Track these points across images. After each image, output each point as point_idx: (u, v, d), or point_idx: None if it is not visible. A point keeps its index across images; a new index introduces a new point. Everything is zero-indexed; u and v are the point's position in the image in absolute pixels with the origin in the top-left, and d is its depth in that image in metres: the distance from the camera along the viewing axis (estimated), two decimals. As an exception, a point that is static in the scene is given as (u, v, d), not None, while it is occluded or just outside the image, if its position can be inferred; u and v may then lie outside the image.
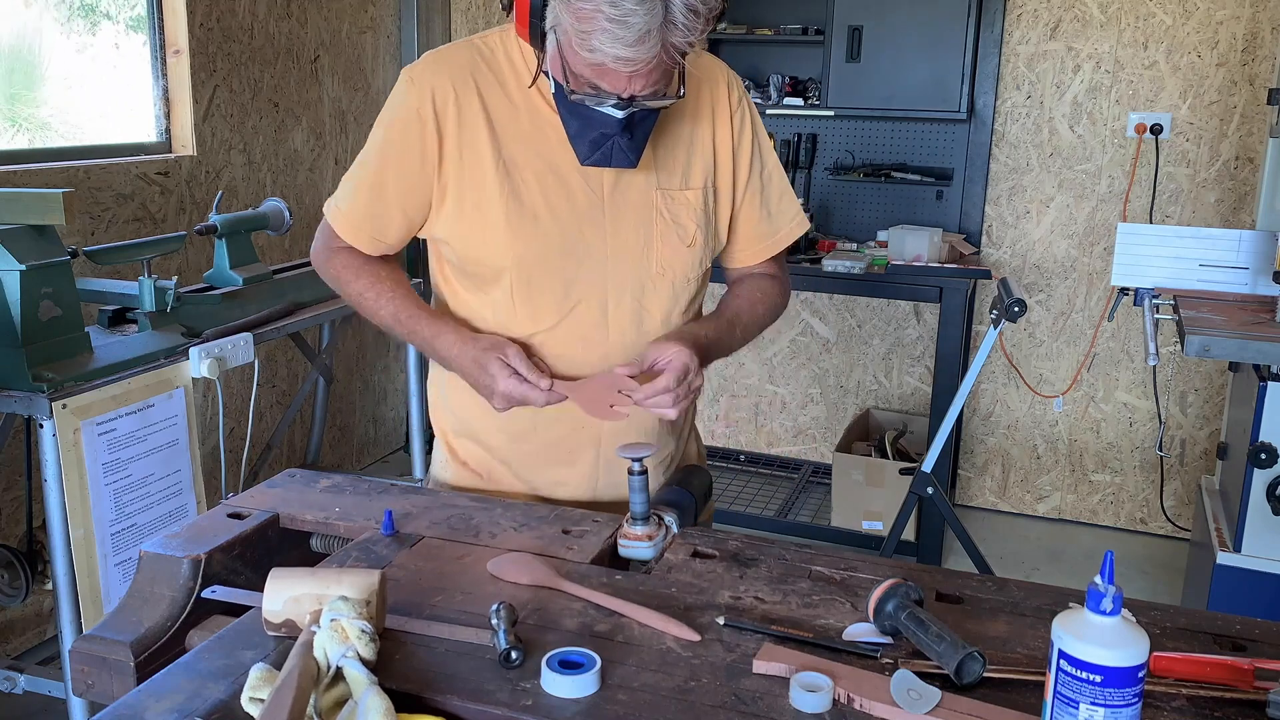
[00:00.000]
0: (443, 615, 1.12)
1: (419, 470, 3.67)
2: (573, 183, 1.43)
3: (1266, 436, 2.47)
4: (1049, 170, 3.96)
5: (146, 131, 3.41)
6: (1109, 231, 3.89)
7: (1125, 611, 0.88)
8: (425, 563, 1.25)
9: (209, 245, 3.35)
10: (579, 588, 1.18)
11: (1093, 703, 0.86)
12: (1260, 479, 2.51)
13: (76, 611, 2.22)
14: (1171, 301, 2.67)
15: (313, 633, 0.99)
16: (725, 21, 3.75)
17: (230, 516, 1.35)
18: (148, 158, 3.30)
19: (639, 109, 1.30)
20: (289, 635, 1.05)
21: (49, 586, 2.38)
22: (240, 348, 2.57)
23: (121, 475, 2.32)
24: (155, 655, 1.15)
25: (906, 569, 1.30)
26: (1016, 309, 2.92)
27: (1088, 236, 3.96)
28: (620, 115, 1.30)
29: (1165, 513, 4.01)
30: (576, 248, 1.44)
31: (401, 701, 0.96)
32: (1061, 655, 0.88)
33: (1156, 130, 3.76)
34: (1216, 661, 1.03)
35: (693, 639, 1.08)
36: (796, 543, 1.35)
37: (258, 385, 3.08)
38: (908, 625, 1.06)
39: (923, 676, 1.00)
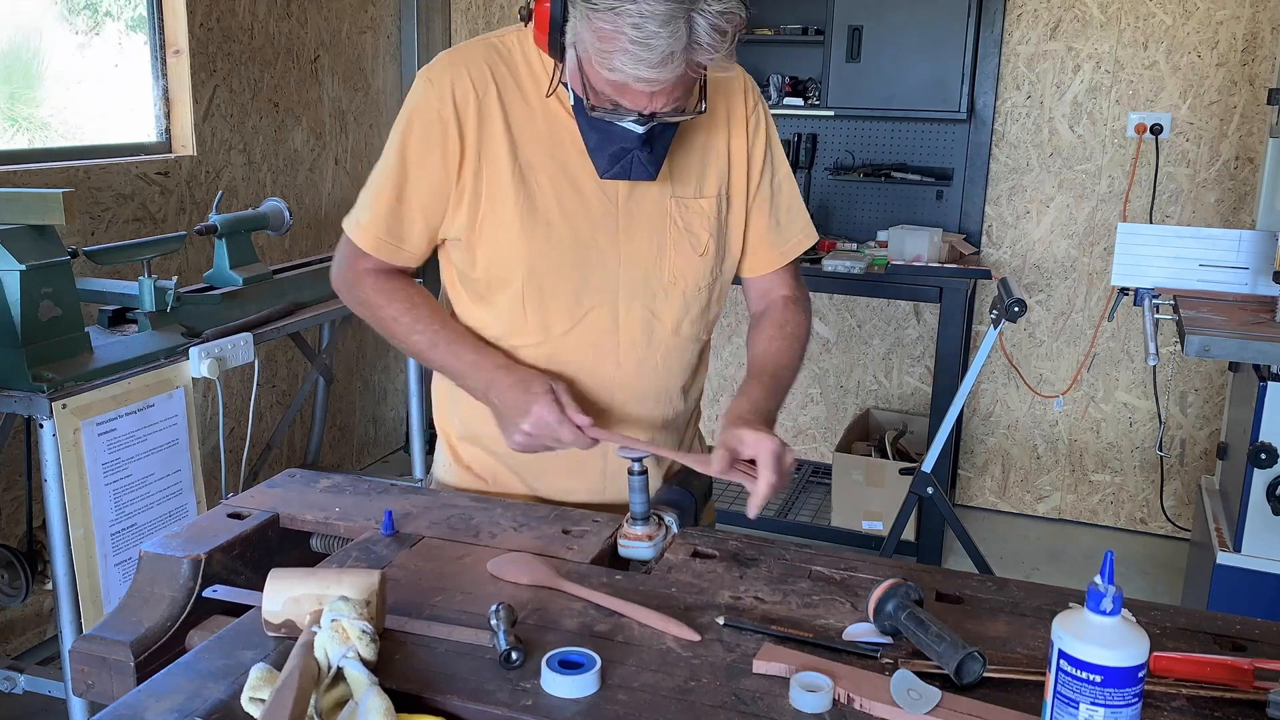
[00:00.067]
0: (443, 615, 1.12)
1: (419, 470, 3.67)
2: (587, 189, 1.41)
3: (1266, 436, 2.47)
4: (1049, 170, 3.96)
5: (146, 131, 3.42)
6: (1109, 231, 3.89)
7: (1125, 611, 0.88)
8: (425, 563, 1.25)
9: (209, 245, 3.35)
10: (579, 588, 1.18)
11: (1093, 703, 0.86)
12: (1260, 479, 2.51)
13: (76, 611, 2.22)
14: (1171, 301, 2.67)
15: (313, 633, 0.99)
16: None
17: (230, 516, 1.35)
18: (148, 158, 3.30)
19: (659, 123, 1.28)
20: (289, 635, 1.05)
21: (49, 586, 2.38)
22: (240, 348, 2.57)
23: (121, 475, 2.32)
24: (155, 655, 1.15)
25: (906, 569, 1.30)
26: (1016, 309, 2.92)
27: (1088, 236, 3.95)
28: (641, 130, 1.28)
29: (1165, 513, 4.01)
30: (589, 255, 1.42)
31: (401, 701, 0.96)
32: (1061, 655, 0.88)
33: (1156, 130, 3.76)
34: (1216, 661, 1.03)
35: (693, 639, 1.08)
36: (796, 543, 1.35)
37: (258, 385, 3.09)
38: (908, 625, 1.06)
39: (923, 676, 1.00)
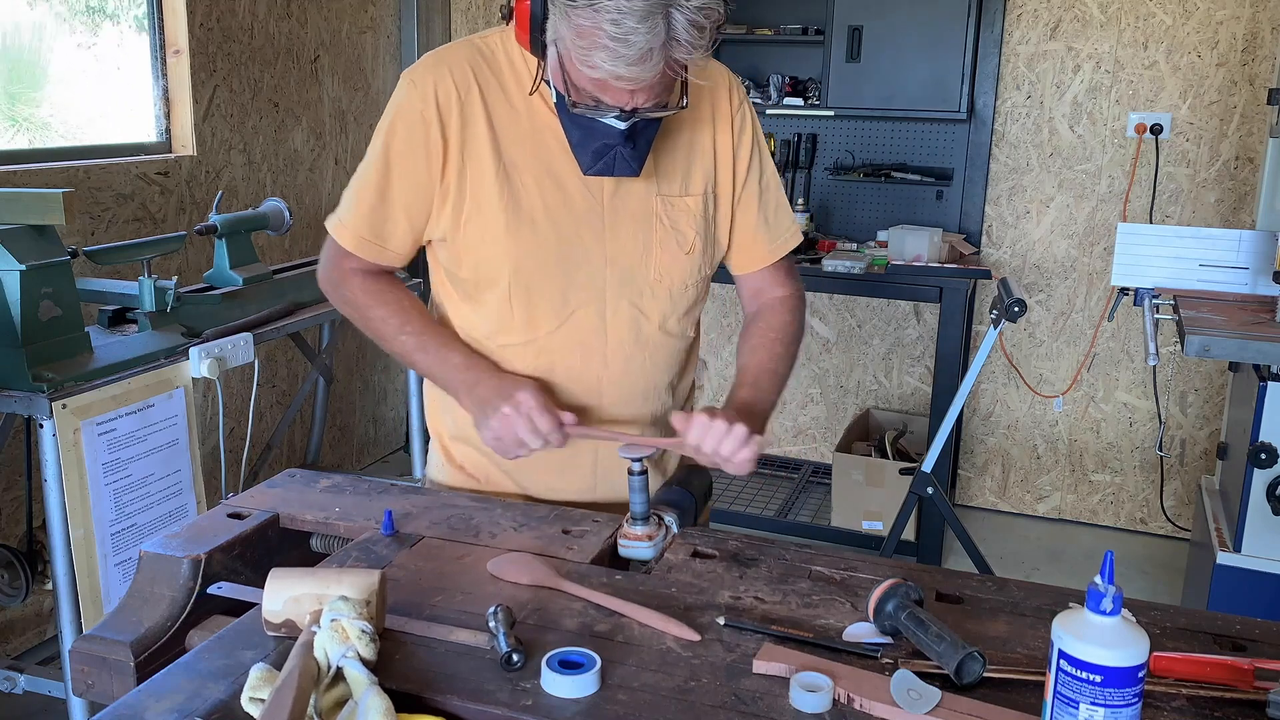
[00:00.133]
0: (443, 615, 1.12)
1: (419, 470, 3.66)
2: (571, 188, 1.42)
3: (1266, 436, 2.47)
4: (1049, 170, 3.96)
5: (146, 131, 3.41)
6: (1109, 231, 3.89)
7: (1125, 611, 0.88)
8: (425, 563, 1.25)
9: (209, 245, 3.35)
10: (579, 588, 1.18)
11: (1093, 703, 0.86)
12: (1260, 479, 2.51)
13: (76, 611, 2.22)
14: (1171, 301, 2.67)
15: (313, 633, 0.99)
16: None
17: (230, 516, 1.35)
18: (148, 158, 3.30)
19: (641, 119, 1.29)
20: (289, 635, 1.05)
21: (49, 586, 2.38)
22: (240, 348, 2.57)
23: (121, 475, 2.31)
24: (155, 655, 1.15)
25: (906, 569, 1.30)
26: (1016, 309, 2.92)
27: (1088, 236, 3.95)
28: (623, 126, 1.29)
29: (1165, 513, 4.01)
30: (574, 253, 1.42)
31: (401, 701, 0.96)
32: (1061, 655, 0.88)
33: (1156, 130, 3.76)
34: (1216, 661, 1.03)
35: (693, 639, 1.08)
36: (796, 543, 1.35)
37: (258, 385, 3.08)
38: (908, 625, 1.06)
39: (923, 676, 1.00)
